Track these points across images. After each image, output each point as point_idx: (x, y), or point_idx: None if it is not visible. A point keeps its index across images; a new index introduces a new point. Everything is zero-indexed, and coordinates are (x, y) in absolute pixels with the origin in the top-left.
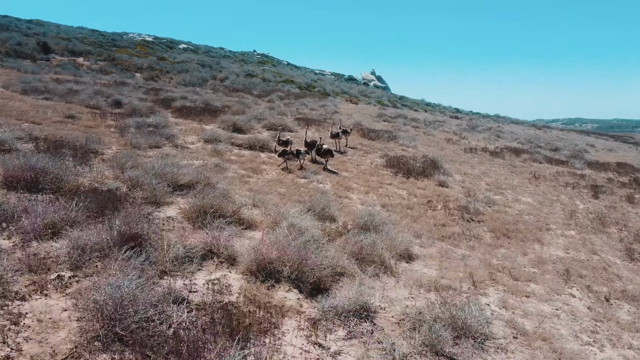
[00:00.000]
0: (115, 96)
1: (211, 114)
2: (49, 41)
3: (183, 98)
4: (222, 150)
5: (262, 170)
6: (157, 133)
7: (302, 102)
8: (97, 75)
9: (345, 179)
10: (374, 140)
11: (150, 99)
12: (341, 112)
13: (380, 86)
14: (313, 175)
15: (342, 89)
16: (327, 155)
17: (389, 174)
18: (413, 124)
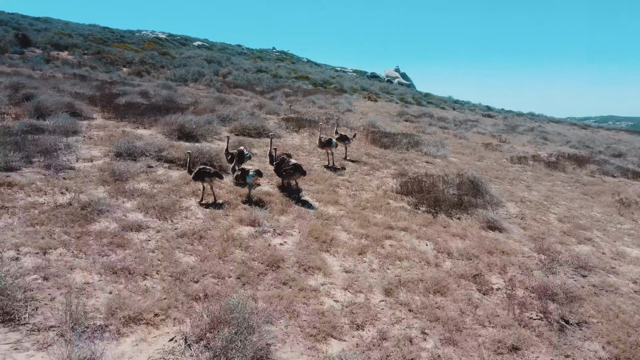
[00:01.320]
0: (29, 91)
1: (163, 114)
2: (30, 35)
3: (143, 94)
4: (134, 172)
5: (181, 211)
6: (38, 144)
7: (310, 100)
8: (63, 68)
9: (328, 221)
10: (387, 149)
11: (88, 95)
12: (355, 110)
13: (404, 83)
14: (272, 218)
15: (362, 85)
16: (295, 175)
17: (404, 207)
18: (440, 125)
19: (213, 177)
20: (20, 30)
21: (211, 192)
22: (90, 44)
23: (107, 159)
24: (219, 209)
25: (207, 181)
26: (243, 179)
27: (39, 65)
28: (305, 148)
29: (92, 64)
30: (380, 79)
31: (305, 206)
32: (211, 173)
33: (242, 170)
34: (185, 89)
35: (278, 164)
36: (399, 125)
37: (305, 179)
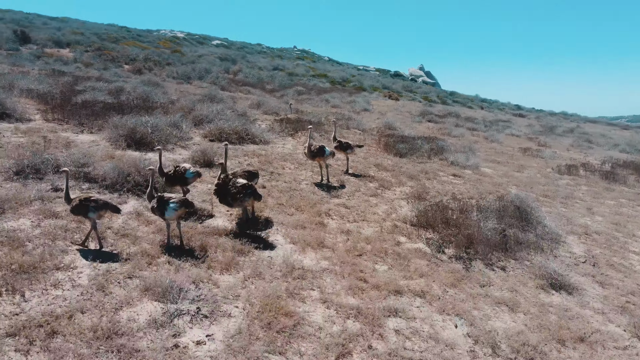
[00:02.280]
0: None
1: (120, 114)
2: (28, 31)
3: (115, 91)
4: (22, 199)
5: (56, 271)
6: None
7: (324, 98)
8: (53, 65)
9: (301, 281)
10: (403, 157)
11: (44, 92)
12: (373, 109)
13: (428, 82)
14: (207, 279)
15: (384, 84)
16: (245, 201)
17: (422, 249)
18: (469, 125)
19: (102, 210)
20: (23, 27)
21: (95, 234)
22: (93, 42)
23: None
24: (125, 264)
25: (92, 218)
26: (160, 212)
27: (26, 61)
28: (296, 158)
29: (89, 61)
30: (404, 77)
31: (270, 251)
32: (99, 206)
33: (160, 200)
34: (179, 86)
35: (220, 186)
36: (421, 126)
37: (286, 204)
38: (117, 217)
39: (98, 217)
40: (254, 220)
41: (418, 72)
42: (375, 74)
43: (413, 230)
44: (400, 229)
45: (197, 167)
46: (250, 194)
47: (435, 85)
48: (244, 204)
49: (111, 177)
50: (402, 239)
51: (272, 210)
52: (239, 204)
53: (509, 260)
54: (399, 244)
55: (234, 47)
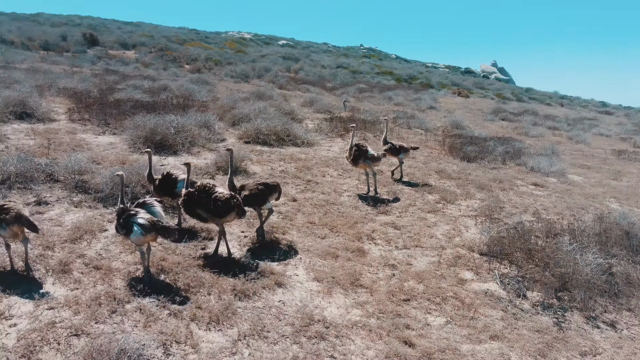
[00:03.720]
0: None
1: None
2: (96, 34)
3: (155, 90)
4: None
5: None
6: None
7: (387, 96)
8: (113, 65)
9: (316, 343)
10: (472, 162)
11: (80, 91)
12: (440, 107)
13: (502, 79)
14: (180, 343)
15: (453, 81)
16: (224, 217)
17: (495, 293)
18: (549, 124)
19: (14, 225)
20: (94, 31)
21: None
22: (159, 43)
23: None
24: (80, 312)
25: (3, 235)
26: (125, 231)
27: (87, 62)
28: (340, 163)
29: (150, 61)
30: (475, 74)
31: (284, 293)
32: (9, 219)
33: (125, 218)
34: (234, 85)
35: (188, 196)
36: (493, 125)
37: (318, 223)
38: (97, 240)
39: (11, 235)
40: (270, 245)
41: (490, 69)
42: (444, 71)
43: (482, 263)
44: (466, 260)
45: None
46: (228, 209)
47: (509, 82)
48: (221, 222)
49: (108, 188)
50: (467, 274)
51: (299, 231)
52: (215, 220)
53: (620, 312)
54: (462, 283)
55: (299, 47)
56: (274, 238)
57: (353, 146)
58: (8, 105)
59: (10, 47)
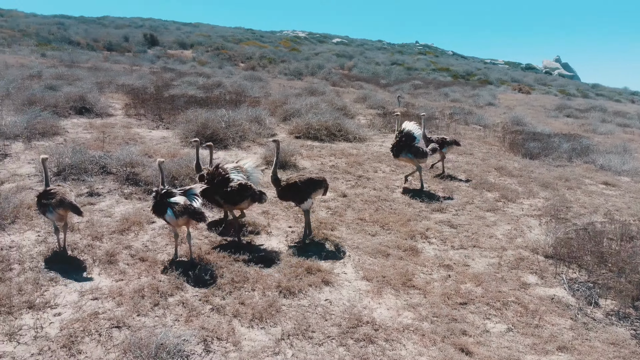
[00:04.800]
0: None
1: (211, 107)
2: (156, 35)
3: (209, 86)
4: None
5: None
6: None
7: (443, 92)
8: (171, 64)
9: (363, 346)
10: (534, 159)
11: (137, 87)
12: (499, 104)
13: (565, 75)
14: (224, 332)
15: (513, 77)
16: (239, 204)
17: (561, 297)
18: (618, 121)
19: (59, 209)
20: (154, 32)
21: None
22: (215, 42)
23: (33, 180)
24: (122, 304)
25: (50, 219)
26: (159, 211)
27: (146, 61)
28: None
29: (206, 60)
30: (537, 70)
31: (331, 291)
32: (54, 203)
33: (163, 195)
34: (287, 82)
35: (211, 177)
36: (557, 122)
37: (369, 220)
38: (145, 232)
39: (58, 219)
40: (318, 241)
41: (553, 64)
42: (503, 67)
43: (548, 266)
44: (529, 263)
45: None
46: (243, 196)
47: (573, 78)
48: (240, 206)
49: (156, 179)
50: (530, 278)
51: (348, 228)
52: (232, 206)
53: None
54: (525, 288)
55: (353, 45)
56: (322, 234)
57: (410, 132)
58: (69, 101)
59: (77, 47)
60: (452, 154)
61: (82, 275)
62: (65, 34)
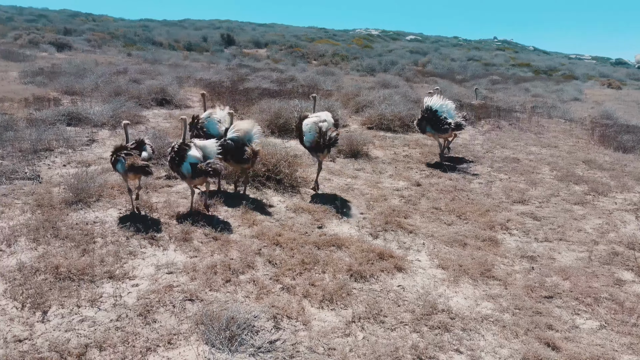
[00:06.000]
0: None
1: (284, 98)
2: (232, 35)
3: (286, 79)
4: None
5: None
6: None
7: (523, 87)
8: (245, 61)
9: (435, 334)
10: (628, 152)
11: (214, 81)
12: (586, 99)
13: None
14: (294, 311)
15: (602, 72)
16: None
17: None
18: None
19: (130, 173)
20: (230, 32)
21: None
22: (288, 41)
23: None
24: (196, 279)
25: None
26: (176, 166)
27: (223, 59)
28: (471, 150)
29: (280, 58)
30: (629, 65)
31: (404, 277)
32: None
33: (180, 150)
34: (360, 77)
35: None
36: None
37: (444, 209)
38: (218, 213)
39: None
40: (390, 228)
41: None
42: (590, 63)
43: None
44: (624, 259)
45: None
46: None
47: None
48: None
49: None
50: (626, 275)
51: (422, 216)
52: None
53: None
54: (620, 284)
55: (427, 41)
56: (395, 221)
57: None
58: (150, 93)
59: (159, 47)
60: (534, 146)
61: (158, 250)
62: (149, 35)
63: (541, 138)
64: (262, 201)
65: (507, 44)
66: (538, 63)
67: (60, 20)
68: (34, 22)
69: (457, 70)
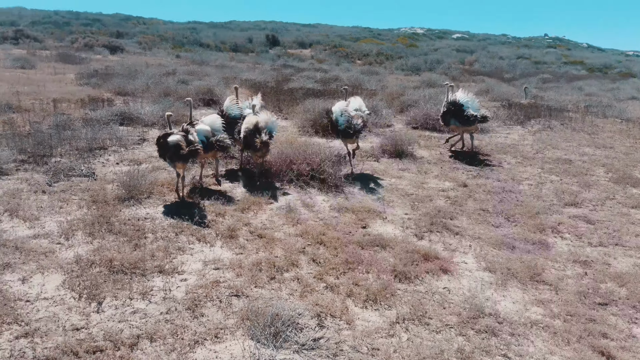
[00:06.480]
0: (187, 77)
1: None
2: (277, 35)
3: (330, 79)
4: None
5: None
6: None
7: (576, 86)
8: (288, 61)
9: (482, 338)
10: None
11: (258, 81)
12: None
13: None
14: (338, 310)
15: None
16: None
17: None
18: None
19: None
20: (275, 33)
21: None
22: (333, 41)
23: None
24: (241, 276)
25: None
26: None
27: (268, 60)
28: (520, 150)
29: (324, 58)
30: None
31: (449, 280)
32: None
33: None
34: (404, 77)
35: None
36: None
37: (492, 211)
38: (263, 212)
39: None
40: (435, 229)
41: None
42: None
43: None
44: None
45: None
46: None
47: None
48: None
49: (276, 165)
50: None
51: (469, 218)
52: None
53: None
54: None
55: (474, 39)
56: (441, 222)
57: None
58: (198, 93)
59: (206, 49)
60: (588, 147)
61: (206, 246)
62: (197, 37)
63: (595, 138)
64: (305, 200)
65: (559, 41)
66: (592, 60)
67: (113, 23)
68: (89, 26)
69: (505, 69)
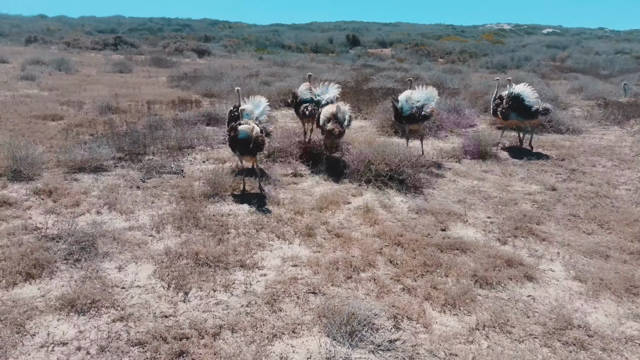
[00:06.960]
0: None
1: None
2: (357, 35)
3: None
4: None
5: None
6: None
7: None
8: (368, 61)
9: (569, 351)
10: None
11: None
12: None
13: None
14: (415, 313)
15: None
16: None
17: None
18: None
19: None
20: (355, 33)
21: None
22: (414, 39)
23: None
24: (318, 274)
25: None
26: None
27: (347, 60)
28: (617, 152)
29: (404, 57)
30: None
31: (534, 287)
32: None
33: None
34: (489, 75)
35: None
36: None
37: (583, 217)
38: (341, 211)
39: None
40: (520, 234)
41: None
42: None
43: None
44: None
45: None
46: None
47: None
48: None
49: (354, 165)
50: None
51: (557, 224)
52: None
53: None
54: None
55: (567, 34)
56: (526, 227)
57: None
58: (280, 94)
59: (288, 50)
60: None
61: (284, 244)
62: (279, 39)
63: None
64: (383, 201)
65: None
66: None
67: (201, 28)
68: (179, 32)
69: (602, 65)
